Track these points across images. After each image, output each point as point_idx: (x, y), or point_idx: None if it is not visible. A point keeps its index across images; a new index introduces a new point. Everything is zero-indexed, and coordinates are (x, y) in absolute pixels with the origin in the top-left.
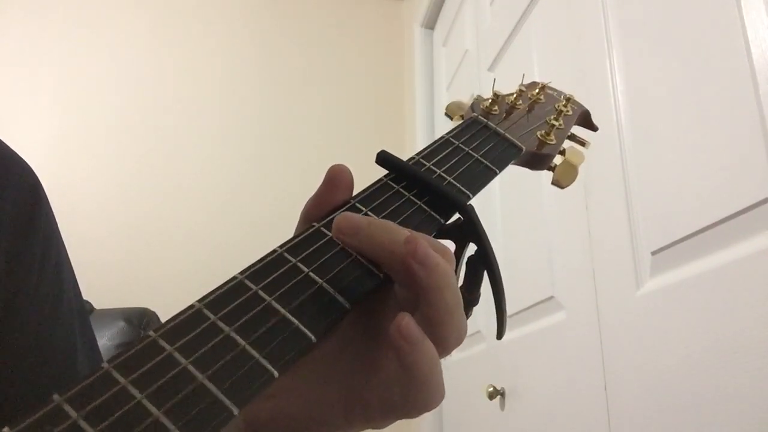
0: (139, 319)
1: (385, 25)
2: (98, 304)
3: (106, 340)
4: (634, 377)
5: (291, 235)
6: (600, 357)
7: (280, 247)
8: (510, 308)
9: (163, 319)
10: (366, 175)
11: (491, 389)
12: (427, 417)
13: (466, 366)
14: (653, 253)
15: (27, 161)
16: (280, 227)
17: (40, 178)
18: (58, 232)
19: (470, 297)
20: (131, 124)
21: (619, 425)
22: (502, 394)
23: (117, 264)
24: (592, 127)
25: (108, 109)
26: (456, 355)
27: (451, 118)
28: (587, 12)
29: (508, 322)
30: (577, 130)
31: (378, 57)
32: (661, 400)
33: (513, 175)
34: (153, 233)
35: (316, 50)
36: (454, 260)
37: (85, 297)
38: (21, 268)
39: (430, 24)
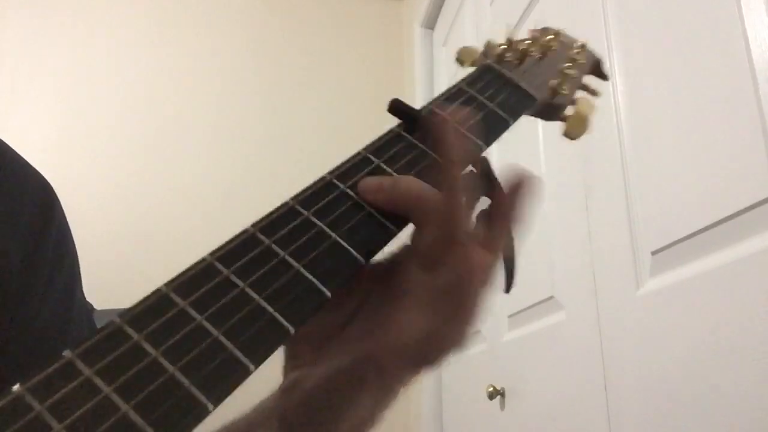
0: None
1: (385, 25)
2: (98, 304)
3: None
4: (634, 377)
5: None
6: (600, 357)
7: (293, 199)
8: (510, 308)
9: None
10: None
11: (491, 389)
12: (427, 417)
13: (466, 366)
14: (653, 253)
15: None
16: None
17: None
18: (73, 242)
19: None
20: (131, 124)
21: (619, 425)
22: (502, 394)
23: (117, 264)
24: (604, 77)
25: (108, 109)
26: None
27: (462, 64)
28: (587, 12)
29: (508, 323)
30: (589, 81)
31: (378, 57)
32: (661, 400)
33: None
34: (153, 233)
35: (315, 50)
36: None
37: (85, 297)
38: (34, 269)
39: (430, 24)
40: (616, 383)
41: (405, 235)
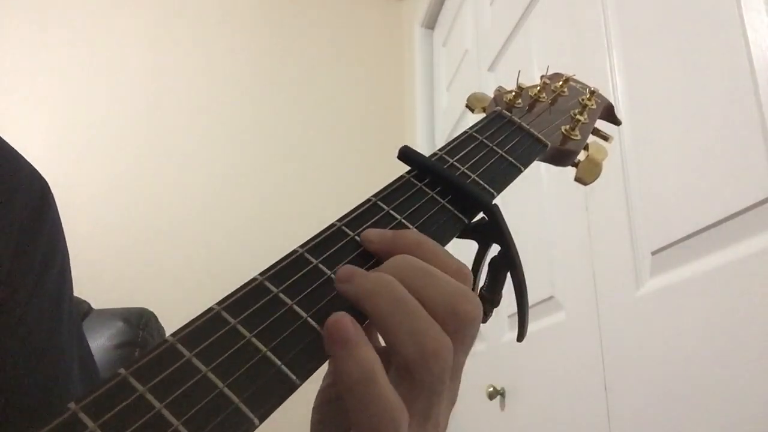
0: (138, 318)
1: (385, 25)
2: (96, 303)
3: (104, 340)
4: (634, 377)
5: (288, 234)
6: (600, 357)
7: (301, 246)
8: (510, 308)
9: (162, 319)
10: (366, 174)
11: (491, 389)
12: None
13: (466, 366)
14: (653, 253)
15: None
16: (278, 227)
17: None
18: (64, 241)
19: (492, 298)
20: (130, 123)
21: (619, 425)
22: (502, 394)
23: (115, 263)
24: (616, 121)
25: (108, 108)
26: None
27: (472, 111)
28: (587, 12)
29: (508, 321)
30: (600, 124)
31: (378, 57)
32: (661, 400)
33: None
34: (151, 233)
35: (316, 50)
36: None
37: (83, 296)
38: (22, 267)
39: (430, 24)
40: (616, 383)
41: None
